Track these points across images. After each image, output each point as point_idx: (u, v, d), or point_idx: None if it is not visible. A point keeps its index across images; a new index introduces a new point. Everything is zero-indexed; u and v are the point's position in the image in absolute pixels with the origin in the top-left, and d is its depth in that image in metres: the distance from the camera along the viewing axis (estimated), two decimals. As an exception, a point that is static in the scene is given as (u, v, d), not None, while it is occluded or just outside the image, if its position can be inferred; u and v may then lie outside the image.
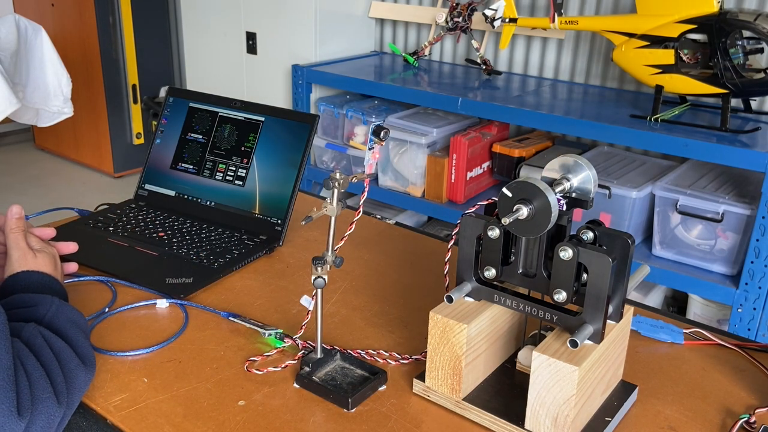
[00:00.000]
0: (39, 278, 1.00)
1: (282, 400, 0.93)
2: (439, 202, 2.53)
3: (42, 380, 0.80)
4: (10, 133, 4.88)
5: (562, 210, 0.86)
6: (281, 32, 2.91)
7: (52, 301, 0.94)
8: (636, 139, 2.06)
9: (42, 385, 0.80)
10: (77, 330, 0.93)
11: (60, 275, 1.06)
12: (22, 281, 0.99)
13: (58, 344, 0.88)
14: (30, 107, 1.59)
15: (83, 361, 0.89)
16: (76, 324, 0.94)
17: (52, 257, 1.06)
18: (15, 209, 1.06)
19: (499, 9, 2.51)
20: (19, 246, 1.03)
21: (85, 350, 0.92)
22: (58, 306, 0.94)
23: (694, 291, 2.09)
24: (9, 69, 1.54)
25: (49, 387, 0.81)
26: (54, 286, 1.01)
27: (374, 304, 1.17)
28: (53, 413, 0.80)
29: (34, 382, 0.79)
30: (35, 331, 0.86)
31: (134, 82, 4.15)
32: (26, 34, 1.56)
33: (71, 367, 0.87)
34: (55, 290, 1.01)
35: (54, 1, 4.14)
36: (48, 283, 1.01)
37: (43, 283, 1.00)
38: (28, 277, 1.00)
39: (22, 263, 1.01)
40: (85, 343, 0.93)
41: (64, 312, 0.94)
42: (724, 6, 2.06)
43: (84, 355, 0.91)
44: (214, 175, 1.43)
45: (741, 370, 1.03)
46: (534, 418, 0.85)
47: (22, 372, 0.78)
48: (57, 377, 0.83)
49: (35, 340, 0.85)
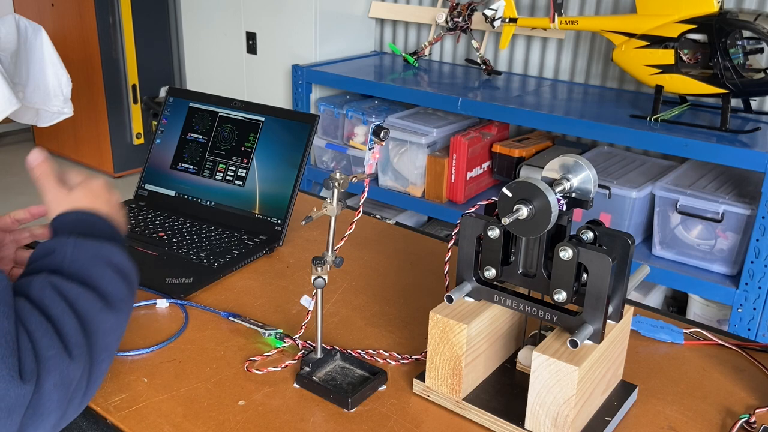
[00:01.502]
0: (72, 218, 0.90)
1: (282, 400, 0.93)
2: (439, 202, 2.53)
3: (46, 338, 0.74)
4: (10, 133, 4.88)
5: (562, 210, 0.86)
6: (281, 32, 2.91)
7: (66, 243, 0.84)
8: (636, 139, 2.06)
9: (46, 342, 0.73)
10: (104, 267, 0.84)
11: (106, 204, 0.94)
12: (56, 227, 0.90)
13: (73, 291, 0.79)
14: (30, 107, 1.59)
15: (110, 302, 0.82)
16: (102, 260, 0.85)
17: (89, 189, 0.94)
18: (33, 155, 0.95)
19: (499, 9, 2.51)
20: (49, 189, 0.93)
21: (113, 288, 0.83)
22: (75, 245, 0.84)
23: (694, 291, 2.09)
24: (9, 69, 1.54)
25: (56, 343, 0.74)
26: (87, 220, 0.90)
27: (374, 304, 1.17)
28: (66, 369, 0.74)
29: (37, 341, 0.73)
30: (44, 283, 0.79)
31: (134, 82, 4.15)
32: (26, 34, 1.56)
33: (92, 313, 0.79)
34: (87, 225, 0.90)
35: (54, 1, 4.14)
36: (81, 220, 0.90)
37: (75, 221, 0.90)
38: (61, 221, 0.90)
39: (55, 206, 0.91)
40: (112, 280, 0.84)
41: (86, 250, 0.84)
42: (724, 6, 2.06)
43: (109, 294, 0.82)
44: (214, 175, 1.43)
45: (741, 370, 1.03)
46: (534, 418, 0.85)
47: (23, 334, 0.73)
48: (69, 329, 0.76)
49: (43, 293, 0.78)
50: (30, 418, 0.69)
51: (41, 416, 0.71)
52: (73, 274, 0.82)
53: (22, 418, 0.68)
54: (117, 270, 0.86)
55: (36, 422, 0.70)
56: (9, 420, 0.67)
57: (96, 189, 0.96)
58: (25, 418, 0.69)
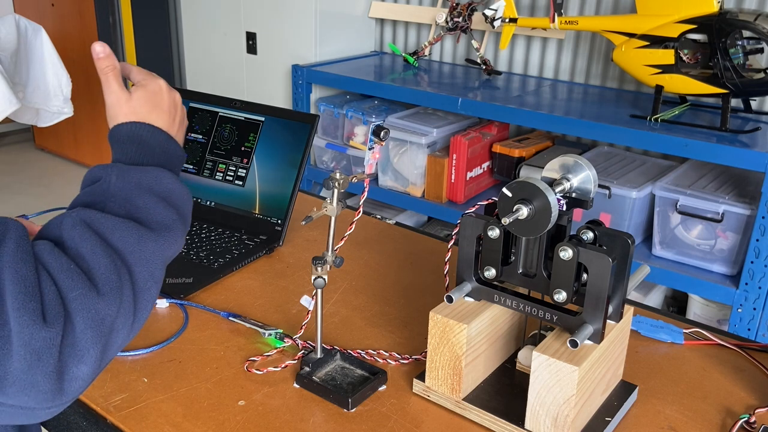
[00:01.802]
0: (127, 132, 0.86)
1: (282, 400, 0.93)
2: (439, 202, 2.53)
3: (69, 279, 0.72)
4: (10, 133, 4.88)
5: (562, 210, 0.86)
6: (281, 32, 2.92)
7: (111, 171, 0.81)
8: (636, 139, 2.06)
9: (69, 284, 0.72)
10: (147, 195, 0.81)
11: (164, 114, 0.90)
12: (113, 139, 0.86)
13: (106, 224, 0.77)
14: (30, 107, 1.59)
15: (152, 229, 0.79)
16: (145, 188, 0.82)
17: (150, 93, 0.89)
18: (98, 47, 0.89)
19: (499, 9, 2.51)
20: (112, 90, 0.88)
21: (156, 216, 0.81)
22: (119, 175, 0.81)
23: (694, 291, 2.09)
24: (9, 69, 1.54)
25: (81, 282, 0.72)
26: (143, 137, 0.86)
27: (374, 304, 1.17)
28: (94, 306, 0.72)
29: (60, 282, 0.71)
30: (75, 220, 0.76)
31: (134, 82, 4.15)
32: (26, 34, 1.56)
33: (130, 242, 0.77)
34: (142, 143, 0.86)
35: (54, 1, 4.14)
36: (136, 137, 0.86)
37: (130, 137, 0.86)
38: (117, 134, 0.86)
39: (117, 112, 0.87)
40: (156, 208, 0.81)
41: (129, 179, 0.81)
42: (724, 6, 2.06)
43: (150, 221, 0.80)
44: (214, 175, 1.43)
45: (741, 370, 1.03)
46: (534, 418, 0.85)
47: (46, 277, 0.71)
48: (98, 267, 0.74)
49: (73, 231, 0.75)
50: (69, 356, 0.69)
51: (80, 353, 0.70)
52: (115, 204, 0.80)
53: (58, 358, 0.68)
54: (162, 196, 0.83)
55: (77, 359, 0.70)
56: (41, 363, 0.67)
57: (156, 93, 0.90)
58: (63, 357, 0.68)
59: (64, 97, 1.61)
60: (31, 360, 0.66)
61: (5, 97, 1.40)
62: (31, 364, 0.66)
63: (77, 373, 0.69)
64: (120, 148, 0.86)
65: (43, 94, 1.58)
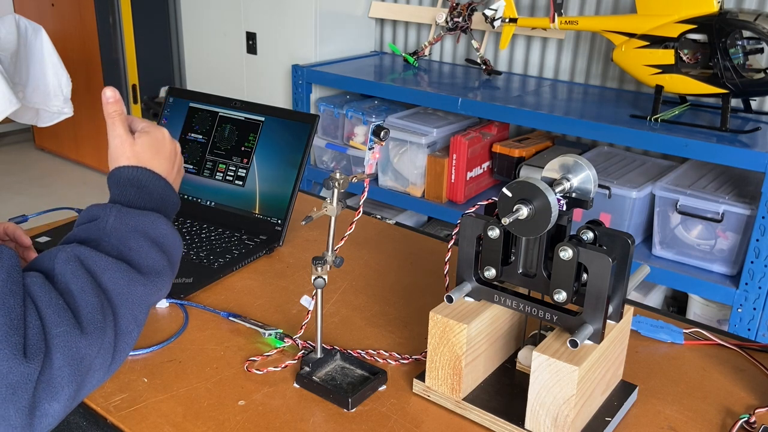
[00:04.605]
0: (128, 176, 0.87)
1: (282, 400, 0.93)
2: (439, 202, 2.53)
3: (56, 315, 0.72)
4: (10, 133, 4.88)
5: (562, 210, 0.86)
6: (281, 32, 2.92)
7: (110, 212, 0.83)
8: (636, 139, 2.06)
9: (55, 319, 0.72)
10: (141, 240, 0.82)
11: (165, 161, 0.91)
12: (112, 181, 0.87)
13: (100, 264, 0.78)
14: (30, 107, 1.59)
15: (142, 274, 0.80)
16: (141, 233, 0.83)
17: (154, 140, 0.91)
18: (109, 92, 0.91)
19: (499, 9, 2.51)
20: (117, 134, 0.89)
21: (148, 261, 0.82)
22: (118, 216, 0.83)
23: (694, 291, 2.09)
24: (9, 69, 1.54)
25: (66, 319, 0.72)
26: (142, 181, 0.88)
27: (374, 304, 1.17)
28: (76, 345, 0.72)
29: (46, 317, 0.71)
30: (70, 255, 0.77)
31: (134, 82, 4.15)
32: (26, 34, 1.56)
33: (120, 284, 0.78)
34: (141, 187, 0.88)
35: (54, 1, 4.14)
36: (137, 180, 0.87)
37: (132, 180, 0.87)
38: (118, 176, 0.87)
39: (120, 155, 0.88)
40: (148, 253, 0.82)
41: (126, 221, 0.83)
42: (724, 6, 2.06)
43: (146, 266, 0.81)
44: (214, 175, 1.43)
45: (741, 370, 1.03)
46: (534, 418, 0.85)
47: (32, 310, 0.71)
48: (86, 305, 0.75)
49: (66, 266, 0.76)
50: (43, 392, 0.69)
51: (54, 390, 0.70)
52: (110, 244, 0.81)
53: (33, 393, 0.68)
54: (156, 242, 0.84)
55: (50, 396, 0.70)
56: (15, 397, 0.66)
57: (159, 141, 0.92)
58: (38, 392, 0.68)
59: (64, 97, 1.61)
60: (6, 394, 0.66)
61: (5, 97, 1.40)
62: (6, 398, 0.66)
63: (49, 410, 0.69)
64: (119, 190, 0.87)
65: (43, 94, 1.59)
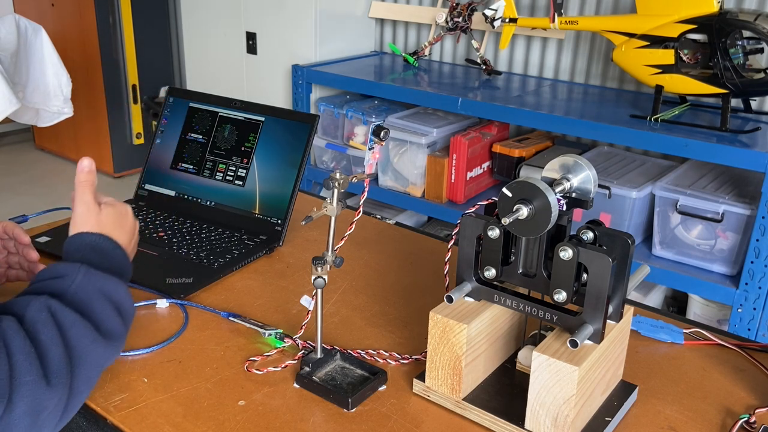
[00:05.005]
0: (91, 242, 0.92)
1: (282, 400, 0.93)
2: (439, 202, 2.53)
3: (27, 362, 0.74)
4: (10, 133, 4.88)
5: (562, 210, 0.86)
6: (281, 32, 2.91)
7: (78, 271, 0.86)
8: (636, 139, 2.06)
9: (26, 367, 0.74)
10: (105, 302, 0.86)
11: (126, 234, 0.97)
12: (73, 245, 0.91)
13: (69, 318, 0.81)
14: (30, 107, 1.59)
15: (103, 335, 0.83)
16: (105, 295, 0.87)
17: (118, 214, 0.97)
18: (86, 162, 0.95)
19: (499, 9, 2.51)
20: (84, 201, 0.93)
21: (109, 324, 0.85)
22: (86, 275, 0.86)
23: (694, 291, 2.09)
24: (9, 69, 1.54)
25: (35, 369, 0.75)
26: (104, 249, 0.92)
27: (374, 304, 1.17)
28: (40, 396, 0.74)
29: (15, 364, 0.73)
30: (42, 305, 0.80)
31: (134, 82, 4.15)
32: (26, 34, 1.56)
33: (84, 342, 0.80)
34: (103, 254, 0.92)
35: (54, 1, 4.14)
36: (99, 247, 0.92)
37: (93, 246, 0.91)
38: (81, 240, 0.91)
39: (84, 222, 0.93)
40: (110, 316, 0.85)
41: (93, 282, 0.86)
42: (724, 6, 2.06)
43: (107, 329, 0.84)
44: (214, 175, 1.43)
45: (741, 370, 1.03)
46: (534, 418, 0.85)
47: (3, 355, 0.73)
48: (54, 356, 0.77)
49: (39, 315, 0.79)
50: None
51: None
52: (76, 302, 0.84)
53: None
54: (117, 306, 0.88)
55: None
56: None
57: (122, 215, 0.98)
58: None
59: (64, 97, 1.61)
60: None
61: (5, 97, 1.40)
62: None
63: None
64: (81, 254, 0.90)
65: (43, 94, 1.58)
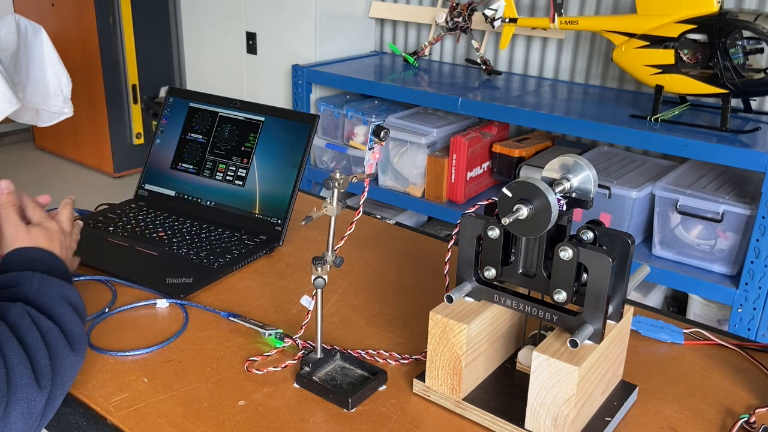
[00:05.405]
0: (31, 254, 0.95)
1: (282, 400, 0.93)
2: (439, 202, 2.53)
3: (21, 365, 0.77)
4: (10, 133, 4.88)
5: (562, 210, 0.86)
6: (281, 32, 2.91)
7: (32, 277, 0.89)
8: (636, 139, 2.06)
9: (21, 370, 0.76)
10: (65, 305, 0.89)
11: (60, 247, 1.01)
12: (14, 260, 0.94)
13: (44, 324, 0.83)
14: (30, 107, 1.59)
15: (70, 343, 0.85)
16: (64, 298, 0.90)
17: (47, 231, 1.00)
18: (3, 184, 1.00)
19: (499, 9, 2.51)
20: (11, 221, 0.98)
21: (73, 327, 0.87)
22: (41, 281, 0.89)
23: (694, 291, 2.09)
24: (9, 69, 1.54)
25: (29, 372, 0.77)
26: (46, 259, 0.96)
27: (374, 304, 1.17)
28: (33, 399, 0.76)
29: (12, 368, 0.76)
30: (22, 310, 0.82)
31: (134, 82, 4.15)
32: (26, 34, 1.56)
33: (58, 348, 0.83)
34: (46, 264, 0.95)
35: (54, 1, 4.14)
36: (40, 258, 0.95)
37: (35, 258, 0.94)
38: (19, 255, 0.95)
39: (15, 240, 0.96)
40: (73, 320, 0.88)
41: (50, 287, 0.89)
42: (724, 6, 2.06)
43: (72, 334, 0.86)
44: (214, 175, 1.43)
45: (741, 370, 1.03)
46: (534, 418, 0.85)
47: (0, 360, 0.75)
48: (41, 360, 0.79)
49: (22, 320, 0.81)
50: None
51: None
52: (40, 308, 0.86)
53: None
54: (75, 308, 0.90)
55: None
56: None
57: (53, 231, 1.01)
58: None
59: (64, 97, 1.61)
60: None
61: (5, 97, 1.40)
62: None
63: None
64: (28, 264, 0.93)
65: (43, 94, 1.59)
